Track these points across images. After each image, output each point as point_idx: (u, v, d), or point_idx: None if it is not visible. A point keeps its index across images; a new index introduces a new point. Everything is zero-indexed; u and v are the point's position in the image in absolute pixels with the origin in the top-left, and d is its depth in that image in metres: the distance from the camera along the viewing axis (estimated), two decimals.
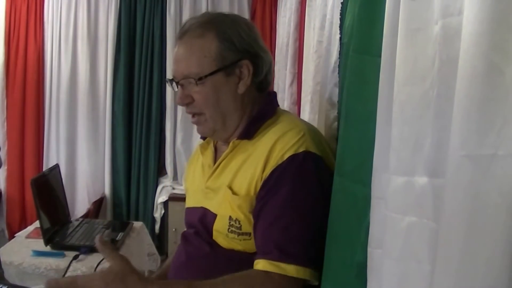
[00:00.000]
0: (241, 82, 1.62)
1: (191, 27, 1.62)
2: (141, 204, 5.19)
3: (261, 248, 1.50)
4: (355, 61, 1.17)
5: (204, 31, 1.59)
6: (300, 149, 1.52)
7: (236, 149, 1.63)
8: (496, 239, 0.63)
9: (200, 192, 1.71)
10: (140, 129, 5.14)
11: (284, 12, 3.85)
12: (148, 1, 5.02)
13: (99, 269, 2.77)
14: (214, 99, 1.60)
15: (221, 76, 1.59)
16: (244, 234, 1.56)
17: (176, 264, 1.74)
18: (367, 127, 1.08)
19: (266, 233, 1.49)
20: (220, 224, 1.59)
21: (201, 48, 1.59)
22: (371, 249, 1.04)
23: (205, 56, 1.58)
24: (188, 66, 1.59)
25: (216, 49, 1.58)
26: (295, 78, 3.39)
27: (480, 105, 0.64)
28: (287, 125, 1.61)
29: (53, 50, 5.09)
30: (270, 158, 1.54)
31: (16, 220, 5.11)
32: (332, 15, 1.81)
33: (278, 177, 1.51)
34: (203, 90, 1.58)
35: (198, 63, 1.58)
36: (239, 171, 1.60)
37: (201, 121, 1.65)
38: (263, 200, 1.52)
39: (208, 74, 1.57)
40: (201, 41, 1.59)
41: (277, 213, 1.49)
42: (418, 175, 0.86)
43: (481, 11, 0.63)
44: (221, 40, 1.58)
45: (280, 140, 1.55)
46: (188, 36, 1.61)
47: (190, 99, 1.61)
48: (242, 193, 1.56)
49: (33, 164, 5.15)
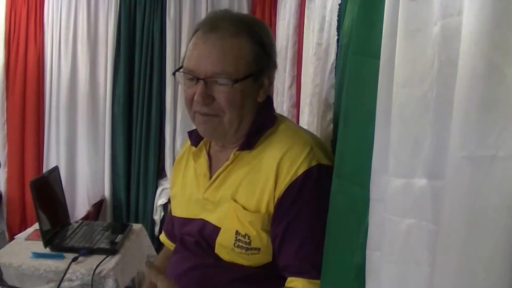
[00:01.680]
0: (262, 90, 1.57)
1: (224, 24, 1.51)
2: (140, 207, 5.18)
3: (295, 268, 1.48)
4: (354, 63, 1.17)
5: (238, 31, 1.50)
6: (313, 163, 1.48)
7: (236, 160, 1.57)
8: (496, 240, 0.63)
9: (196, 203, 1.65)
10: (140, 131, 5.13)
11: (284, 14, 3.84)
12: (148, 4, 5.02)
13: (98, 271, 2.78)
14: (239, 103, 1.52)
15: (251, 82, 1.52)
16: (253, 249, 1.52)
17: (175, 271, 1.69)
18: (366, 128, 1.07)
19: (299, 253, 1.47)
20: (224, 238, 1.55)
21: (238, 49, 1.50)
22: (369, 251, 1.04)
23: (242, 57, 1.49)
24: (223, 65, 1.48)
25: (251, 53, 1.51)
26: (294, 81, 3.38)
27: (481, 106, 0.64)
28: (291, 137, 1.55)
29: (53, 52, 5.08)
30: (280, 174, 1.49)
31: (16, 222, 5.10)
32: (331, 17, 1.81)
33: (296, 194, 1.47)
34: (232, 92, 1.49)
35: (234, 63, 1.48)
36: (241, 184, 1.55)
37: (215, 122, 1.55)
38: (285, 220, 1.48)
39: (243, 78, 1.49)
40: (237, 41, 1.50)
41: (306, 232, 1.47)
42: (417, 177, 0.86)
43: (481, 11, 0.62)
44: (255, 43, 1.52)
45: (287, 155, 1.50)
46: (222, 32, 1.50)
47: (212, 99, 1.51)
48: (251, 209, 1.52)
49: (33, 166, 5.14)
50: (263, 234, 1.51)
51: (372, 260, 1.02)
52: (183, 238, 1.70)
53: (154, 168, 5.17)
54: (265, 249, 1.53)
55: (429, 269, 0.82)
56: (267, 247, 1.52)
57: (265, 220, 1.51)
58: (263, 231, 1.51)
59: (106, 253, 2.97)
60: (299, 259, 1.47)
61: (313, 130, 2.01)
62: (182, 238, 1.70)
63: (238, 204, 1.53)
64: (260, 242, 1.51)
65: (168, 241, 1.95)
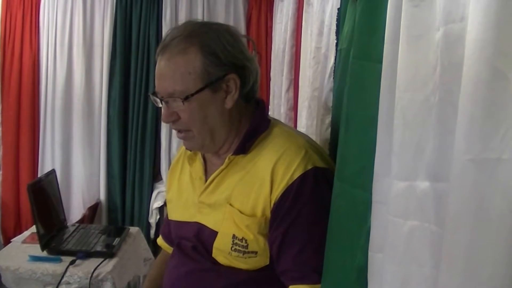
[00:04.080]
0: (228, 96, 1.55)
1: (173, 42, 1.53)
2: (136, 210, 5.17)
3: (296, 273, 1.49)
4: (355, 67, 1.17)
5: (187, 46, 1.51)
6: (308, 166, 1.49)
7: (231, 165, 1.58)
8: (501, 242, 0.63)
9: (192, 206, 1.66)
10: (135, 134, 5.12)
11: (280, 18, 3.85)
12: (144, 7, 5.01)
13: (95, 274, 2.78)
14: (201, 116, 1.53)
15: (208, 93, 1.52)
16: (250, 253, 1.53)
17: (173, 275, 1.71)
18: (367, 132, 1.08)
19: (299, 258, 1.48)
20: (221, 242, 1.56)
21: (185, 65, 1.50)
22: (371, 253, 1.05)
23: (190, 73, 1.50)
24: (173, 84, 1.52)
25: (201, 65, 1.50)
26: (292, 84, 3.39)
27: (485, 110, 0.65)
28: (285, 140, 1.56)
29: (49, 55, 5.06)
30: (275, 178, 1.50)
31: (11, 226, 5.07)
32: (331, 21, 1.82)
33: (293, 198, 1.48)
34: (189, 108, 1.51)
35: (182, 80, 1.50)
36: (236, 188, 1.56)
37: (189, 136, 1.58)
38: (284, 225, 1.49)
39: (194, 93, 1.50)
40: (185, 57, 1.51)
41: (305, 237, 1.48)
42: (419, 179, 0.87)
43: (485, 17, 0.63)
44: (206, 55, 1.50)
45: (282, 158, 1.51)
46: (170, 51, 1.53)
47: (176, 117, 1.55)
48: (247, 213, 1.53)
49: (28, 169, 5.11)
50: (260, 238, 1.52)
51: (374, 262, 1.03)
52: (180, 243, 1.71)
53: (150, 171, 5.16)
54: (262, 253, 1.53)
55: (431, 270, 0.82)
56: (264, 250, 1.53)
57: (262, 224, 1.52)
58: (260, 235, 1.52)
59: (104, 256, 2.96)
60: (299, 264, 1.48)
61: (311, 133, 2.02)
62: (179, 242, 1.71)
63: (235, 208, 1.54)
64: (257, 245, 1.52)
65: (166, 244, 1.96)
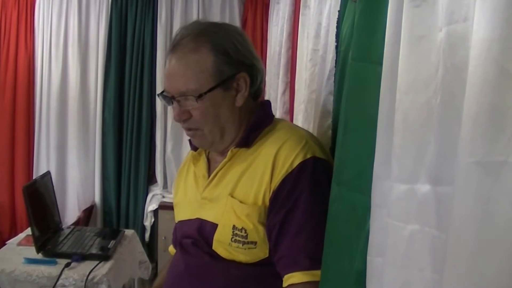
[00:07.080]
0: (239, 94, 1.60)
1: (184, 41, 1.57)
2: (131, 212, 5.16)
3: (289, 259, 1.50)
4: (354, 69, 1.17)
5: (198, 45, 1.55)
6: (308, 155, 1.52)
7: (234, 158, 1.62)
8: (506, 246, 0.62)
9: (194, 204, 1.69)
10: (130, 137, 5.11)
11: (276, 21, 3.84)
12: (139, 9, 5.01)
13: (91, 277, 2.77)
14: (213, 114, 1.57)
15: (220, 91, 1.56)
16: (249, 243, 1.55)
17: (174, 273, 1.72)
18: (366, 135, 1.07)
19: (294, 243, 1.50)
20: (222, 234, 1.58)
21: (197, 63, 1.54)
22: (371, 258, 1.04)
23: (202, 71, 1.54)
24: (185, 83, 1.55)
25: (212, 64, 1.54)
26: (288, 87, 3.38)
27: (491, 111, 0.63)
28: (287, 132, 1.61)
29: (44, 56, 5.05)
30: (276, 166, 1.53)
31: (6, 228, 5.05)
32: (328, 23, 1.81)
33: (292, 186, 1.51)
34: (202, 106, 1.55)
35: (195, 79, 1.54)
36: (240, 180, 1.59)
37: (198, 134, 1.63)
38: (282, 211, 1.51)
39: (207, 91, 1.54)
40: (197, 56, 1.55)
41: (302, 222, 1.49)
42: (420, 182, 0.86)
43: (492, 17, 0.62)
44: (217, 54, 1.55)
45: (283, 148, 1.54)
46: (182, 50, 1.57)
47: (188, 115, 1.58)
48: (249, 202, 1.55)
49: (23, 171, 5.10)
50: (260, 227, 1.54)
51: (374, 266, 1.02)
52: (181, 242, 1.72)
53: (145, 174, 5.15)
54: (262, 243, 1.55)
55: (432, 275, 0.82)
56: (263, 241, 1.55)
57: (262, 213, 1.54)
58: (260, 224, 1.54)
59: (99, 259, 2.96)
60: (292, 249, 1.50)
61: None
62: (181, 242, 1.72)
63: (235, 199, 1.57)
64: (257, 235, 1.54)
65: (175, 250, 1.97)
